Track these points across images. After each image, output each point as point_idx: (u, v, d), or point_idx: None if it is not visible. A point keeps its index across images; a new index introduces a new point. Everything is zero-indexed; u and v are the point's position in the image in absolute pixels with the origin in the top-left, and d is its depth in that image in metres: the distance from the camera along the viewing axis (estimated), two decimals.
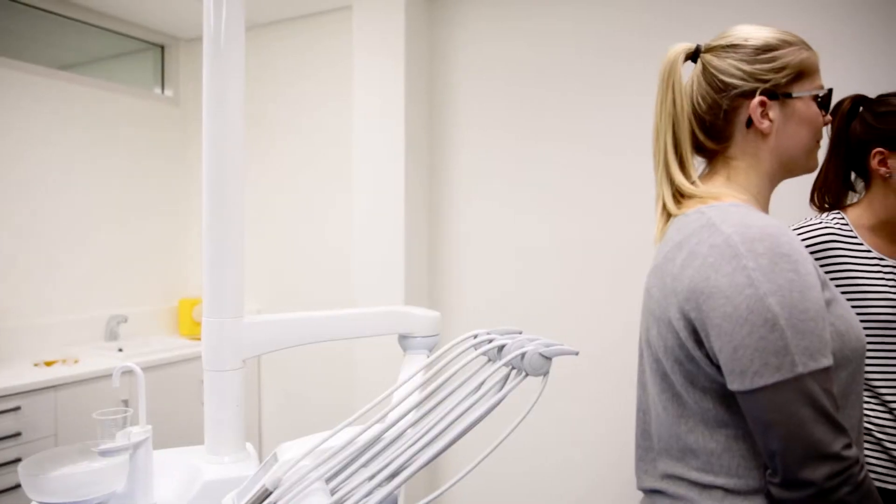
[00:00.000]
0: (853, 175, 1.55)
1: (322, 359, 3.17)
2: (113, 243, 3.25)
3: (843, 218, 1.50)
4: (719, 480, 0.91)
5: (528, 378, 0.69)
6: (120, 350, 2.99)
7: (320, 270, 3.22)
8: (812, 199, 1.60)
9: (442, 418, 0.69)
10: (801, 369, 0.81)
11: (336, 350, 3.07)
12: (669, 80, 1.01)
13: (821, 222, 1.50)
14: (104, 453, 0.95)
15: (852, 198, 1.56)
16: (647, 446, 1.03)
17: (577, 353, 0.70)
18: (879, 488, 1.38)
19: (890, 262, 1.45)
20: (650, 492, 1.02)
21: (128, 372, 1.09)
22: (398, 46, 2.75)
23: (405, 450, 0.68)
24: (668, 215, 1.01)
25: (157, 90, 3.60)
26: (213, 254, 1.03)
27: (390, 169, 2.78)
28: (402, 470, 0.67)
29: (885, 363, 1.42)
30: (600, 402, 2.60)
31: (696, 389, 0.92)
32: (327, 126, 3.18)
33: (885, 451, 1.41)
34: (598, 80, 2.60)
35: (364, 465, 0.70)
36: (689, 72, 1.05)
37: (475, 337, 0.74)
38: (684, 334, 0.90)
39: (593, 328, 2.62)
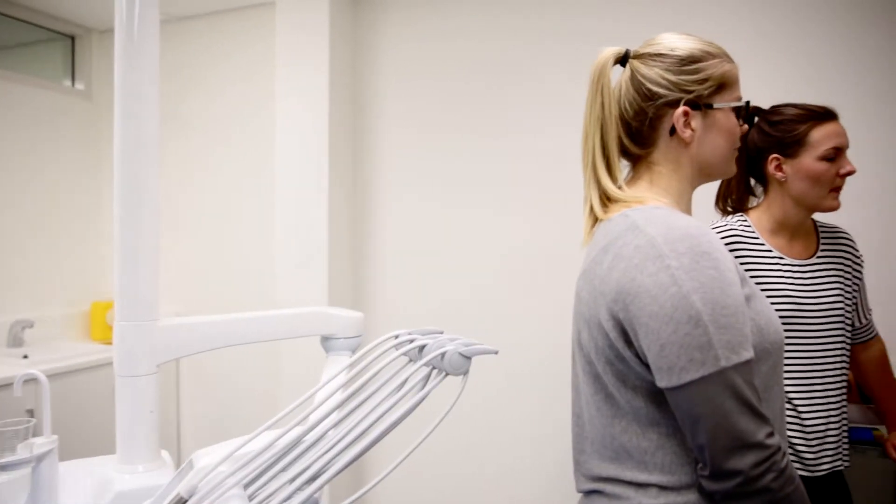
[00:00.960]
0: (753, 180, 1.65)
1: (246, 362, 3.09)
2: (18, 243, 3.07)
3: (745, 220, 1.59)
4: (654, 478, 0.93)
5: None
6: (25, 357, 2.82)
7: (243, 271, 3.13)
8: (717, 203, 1.69)
9: (362, 419, 0.69)
10: (724, 363, 0.84)
11: (260, 352, 3.00)
12: (599, 83, 1.02)
13: (726, 224, 1.58)
14: (3, 467, 0.90)
15: (753, 202, 1.65)
16: (582, 448, 1.05)
17: (496, 353, 0.71)
18: None
19: (789, 260, 1.54)
20: (588, 493, 1.03)
21: (32, 380, 1.03)
22: (322, 44, 2.71)
23: (326, 452, 0.68)
24: (596, 218, 1.03)
25: (68, 83, 3.42)
26: (125, 254, 0.99)
27: (313, 169, 2.74)
28: (323, 472, 0.66)
29: (788, 361, 1.50)
30: (545, 402, 2.63)
31: (627, 389, 0.94)
32: (249, 124, 3.11)
33: (788, 441, 1.50)
34: (526, 78, 2.64)
35: (284, 469, 0.69)
36: (618, 75, 1.06)
37: (396, 337, 0.74)
38: (614, 335, 0.92)
39: (524, 328, 2.66)
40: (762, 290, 1.51)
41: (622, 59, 1.05)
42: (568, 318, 1.16)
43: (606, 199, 1.02)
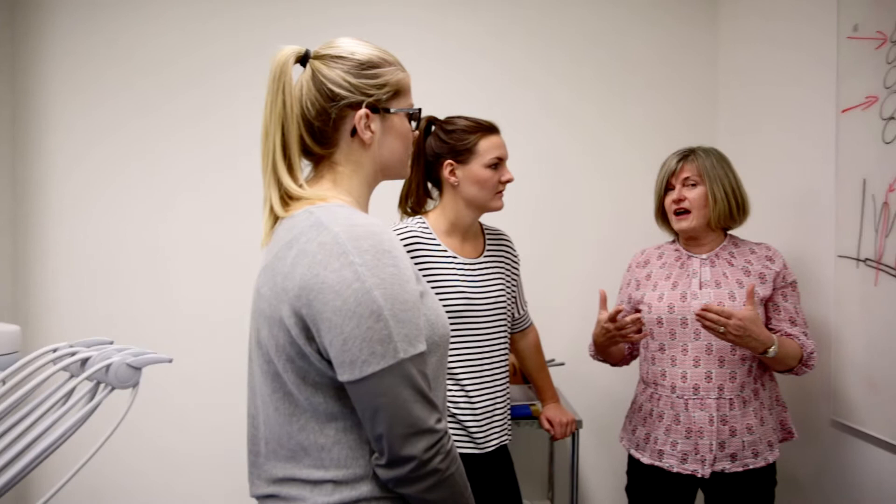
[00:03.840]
0: (430, 184, 1.80)
1: None
2: None
3: (424, 222, 1.73)
4: (329, 474, 0.94)
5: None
6: None
7: None
8: (399, 205, 1.82)
9: (12, 442, 0.61)
10: (402, 355, 0.89)
11: None
12: (280, 81, 1.01)
13: (406, 226, 1.71)
14: None
15: (431, 205, 1.81)
16: (257, 451, 1.03)
17: (170, 361, 0.68)
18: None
19: (462, 260, 1.73)
20: (263, 497, 1.02)
21: None
22: None
23: None
24: (276, 217, 1.02)
25: None
26: None
27: None
28: None
29: (458, 348, 1.68)
30: (226, 405, 2.55)
31: (307, 386, 0.94)
32: None
33: (459, 422, 1.68)
34: (206, 81, 2.56)
35: None
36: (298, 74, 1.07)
37: (55, 351, 0.66)
38: (295, 331, 0.92)
39: (212, 331, 2.56)
40: (439, 286, 1.66)
41: (302, 59, 1.05)
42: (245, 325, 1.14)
43: (288, 198, 1.02)
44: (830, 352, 1.89)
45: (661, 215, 1.88)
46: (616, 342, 1.77)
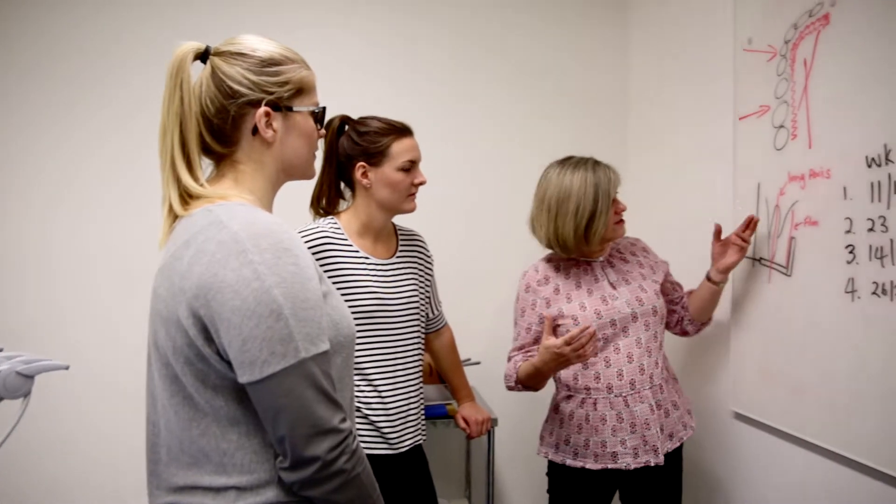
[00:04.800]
0: (343, 185, 1.78)
1: None
2: None
3: (336, 223, 1.72)
4: (232, 480, 0.92)
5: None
6: None
7: None
8: (311, 205, 1.78)
9: None
10: (303, 354, 0.87)
11: None
12: (178, 77, 0.98)
13: (318, 227, 1.69)
14: None
15: (344, 205, 1.79)
16: (156, 460, 0.99)
17: (66, 367, 0.64)
18: (368, 454, 1.62)
19: (374, 260, 1.71)
20: None
21: None
22: None
23: None
24: (175, 216, 0.99)
25: None
26: None
27: None
28: None
29: (371, 349, 1.67)
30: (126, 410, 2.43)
31: (207, 389, 0.92)
32: None
33: (372, 423, 1.67)
34: (100, 76, 2.44)
35: None
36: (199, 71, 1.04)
37: None
38: (193, 332, 0.89)
39: (108, 336, 2.44)
40: (351, 287, 1.65)
41: (202, 56, 1.03)
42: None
43: (188, 197, 0.99)
44: (730, 347, 1.99)
45: (586, 226, 1.73)
46: (567, 365, 1.65)
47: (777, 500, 1.83)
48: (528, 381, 1.77)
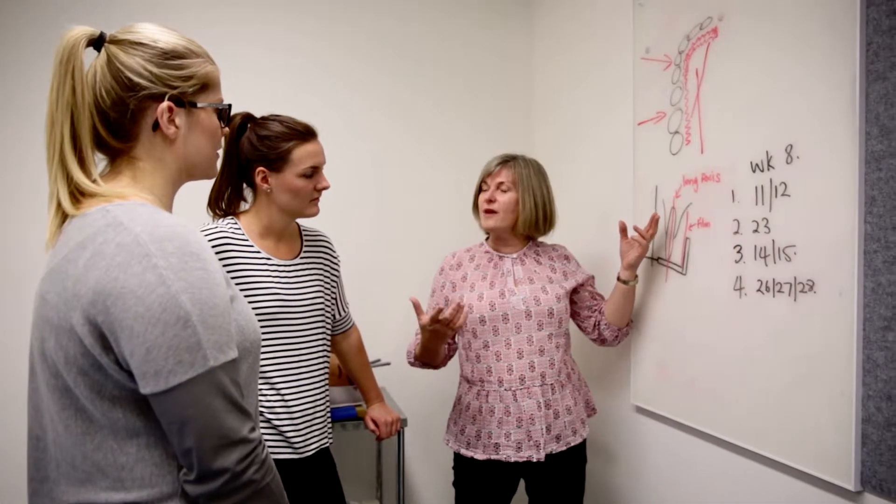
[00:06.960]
0: (245, 184, 1.71)
1: None
2: None
3: (236, 223, 1.65)
4: (132, 495, 0.87)
5: None
6: None
7: None
8: (209, 206, 1.71)
9: None
10: (212, 363, 0.84)
11: None
12: (69, 65, 0.90)
13: (217, 227, 1.62)
14: None
15: (245, 206, 1.73)
16: (42, 477, 0.92)
17: None
18: (273, 460, 1.58)
19: (276, 261, 1.67)
20: None
21: None
22: None
23: None
24: (65, 215, 0.92)
25: None
26: None
27: None
28: None
29: (274, 352, 1.63)
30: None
31: (104, 400, 0.86)
32: None
33: (275, 427, 1.63)
34: None
35: None
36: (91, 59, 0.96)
37: None
38: (89, 341, 0.84)
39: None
40: (252, 288, 1.60)
41: (96, 42, 0.95)
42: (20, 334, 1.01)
43: (80, 194, 0.92)
44: (631, 344, 2.07)
45: (477, 210, 1.97)
46: (445, 338, 1.77)
47: (671, 481, 1.93)
48: (422, 357, 1.91)
